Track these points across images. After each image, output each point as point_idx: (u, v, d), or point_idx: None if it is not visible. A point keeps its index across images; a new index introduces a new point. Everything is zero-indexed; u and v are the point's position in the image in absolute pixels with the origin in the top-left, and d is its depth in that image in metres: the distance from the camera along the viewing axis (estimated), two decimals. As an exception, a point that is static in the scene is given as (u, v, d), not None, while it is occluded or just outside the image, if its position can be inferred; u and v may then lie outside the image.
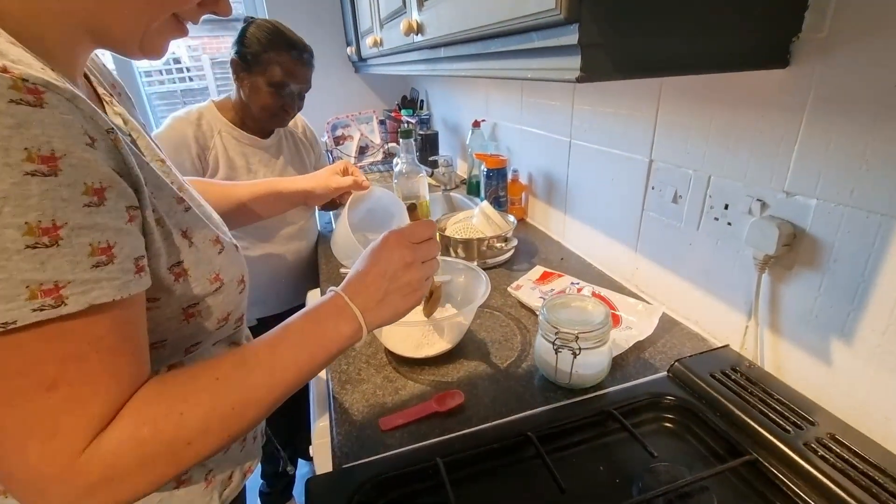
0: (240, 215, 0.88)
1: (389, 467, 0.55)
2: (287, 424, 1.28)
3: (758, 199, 0.64)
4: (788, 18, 0.54)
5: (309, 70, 1.15)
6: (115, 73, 0.57)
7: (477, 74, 0.72)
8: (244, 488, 0.62)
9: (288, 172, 1.25)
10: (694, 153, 0.74)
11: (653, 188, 0.84)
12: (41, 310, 0.30)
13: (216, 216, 0.59)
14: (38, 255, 0.29)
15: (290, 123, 1.31)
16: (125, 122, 0.49)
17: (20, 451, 0.32)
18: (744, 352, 0.71)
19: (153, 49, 0.43)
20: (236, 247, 0.54)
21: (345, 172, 0.95)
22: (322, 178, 0.94)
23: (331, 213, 1.50)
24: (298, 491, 1.55)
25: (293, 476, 1.54)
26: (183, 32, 0.45)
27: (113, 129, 0.36)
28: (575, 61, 0.48)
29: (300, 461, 1.59)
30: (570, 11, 0.45)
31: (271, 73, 1.08)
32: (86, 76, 0.48)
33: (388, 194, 0.99)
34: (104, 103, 0.48)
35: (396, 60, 1.27)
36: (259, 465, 0.66)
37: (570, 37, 0.46)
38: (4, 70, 0.29)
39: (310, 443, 0.74)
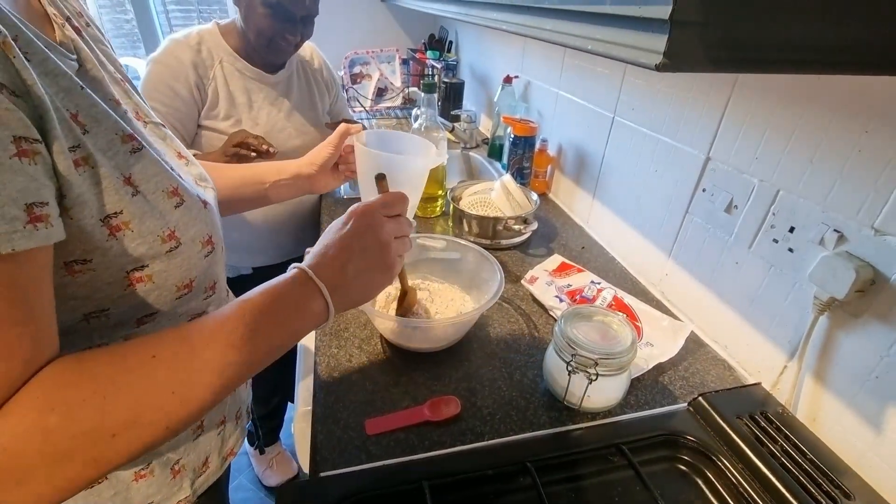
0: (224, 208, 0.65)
1: (369, 484, 0.50)
2: (271, 378, 1.24)
3: (835, 230, 0.54)
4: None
5: None
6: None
7: (518, 31, 0.59)
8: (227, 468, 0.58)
9: (294, 118, 1.11)
10: (765, 160, 0.63)
11: (703, 190, 0.73)
12: None
13: (193, 168, 0.51)
14: None
15: (305, 57, 1.17)
16: (73, 43, 0.39)
17: None
18: (776, 392, 0.63)
19: None
20: (204, 203, 0.46)
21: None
22: (308, 156, 0.72)
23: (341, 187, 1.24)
24: (287, 434, 1.56)
25: (281, 419, 1.53)
26: None
27: (3, 32, 0.28)
28: (658, 41, 0.36)
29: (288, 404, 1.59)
30: (667, -28, 0.33)
31: None
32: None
33: (394, 133, 0.74)
34: (53, 25, 0.38)
35: (429, -4, 1.11)
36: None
37: (660, 8, 0.35)
38: None
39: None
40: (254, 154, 0.95)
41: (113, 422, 0.30)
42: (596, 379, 0.55)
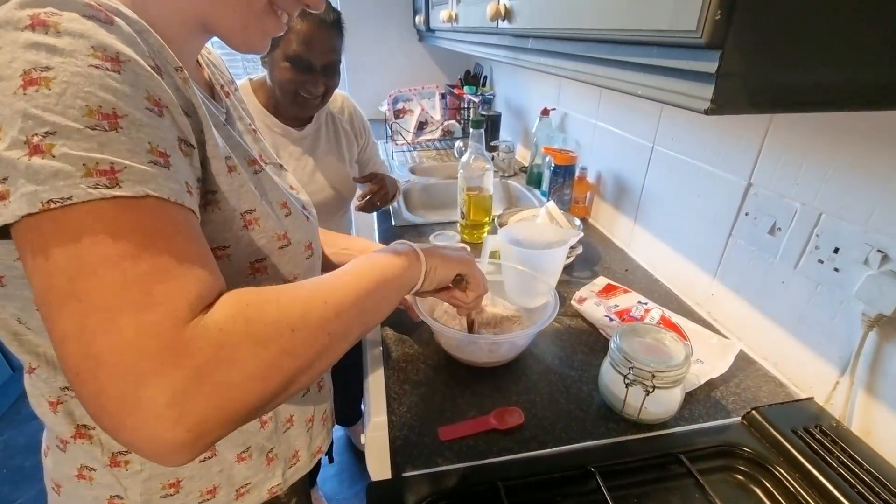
0: None
1: (450, 483, 0.55)
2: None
3: (879, 251, 0.58)
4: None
5: (332, 36, 0.96)
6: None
7: (571, 76, 0.67)
8: (317, 470, 0.65)
9: (319, 173, 1.11)
10: (805, 185, 0.67)
11: (746, 214, 0.78)
12: (95, 188, 0.28)
13: (302, 195, 0.60)
14: (97, 137, 0.29)
15: (335, 108, 1.18)
16: (222, 101, 0.52)
17: (110, 328, 0.27)
18: (829, 407, 0.66)
19: (253, 41, 0.45)
20: (307, 217, 0.56)
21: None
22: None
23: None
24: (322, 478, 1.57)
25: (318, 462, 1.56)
26: (279, 27, 0.47)
27: (181, 68, 0.37)
28: (706, 90, 0.43)
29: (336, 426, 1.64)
30: (713, 36, 0.40)
31: (287, 44, 0.92)
32: (200, 66, 0.51)
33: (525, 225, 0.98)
34: (213, 91, 0.52)
35: (471, 40, 1.21)
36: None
37: (707, 64, 0.41)
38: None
39: (349, 417, 0.75)
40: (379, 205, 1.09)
41: (291, 316, 0.34)
42: (653, 391, 0.59)
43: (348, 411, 1.62)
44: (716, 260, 0.85)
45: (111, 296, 0.28)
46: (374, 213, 1.32)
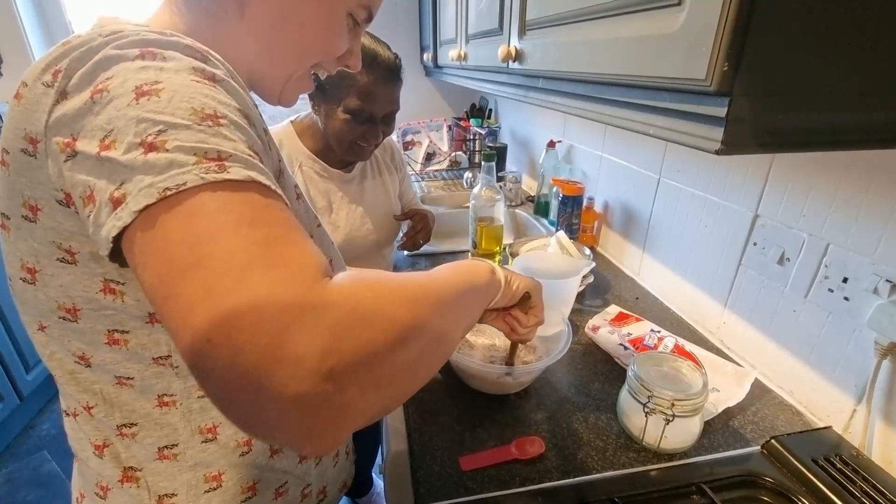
0: None
1: (474, 514, 0.56)
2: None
3: (887, 280, 0.59)
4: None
5: (395, 88, 0.96)
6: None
7: (580, 115, 0.70)
8: None
9: (371, 214, 1.09)
10: (812, 217, 0.69)
11: (754, 244, 0.80)
12: (207, 173, 0.29)
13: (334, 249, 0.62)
14: (203, 131, 0.31)
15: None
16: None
17: (241, 286, 0.25)
18: (848, 436, 0.66)
19: (287, 98, 0.49)
20: (331, 242, 0.58)
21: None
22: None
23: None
24: None
25: None
26: (311, 85, 0.51)
27: (268, 131, 0.40)
28: (716, 132, 0.45)
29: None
30: (721, 84, 0.43)
31: (347, 95, 0.91)
32: None
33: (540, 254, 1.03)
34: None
35: (480, 77, 1.27)
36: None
37: (717, 108, 0.44)
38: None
39: (360, 486, 0.75)
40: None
41: (410, 292, 0.33)
42: (672, 420, 0.60)
43: (359, 478, 1.44)
44: (726, 289, 0.87)
45: (237, 256, 0.26)
46: None
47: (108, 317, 0.40)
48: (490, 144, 1.94)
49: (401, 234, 1.21)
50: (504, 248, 1.19)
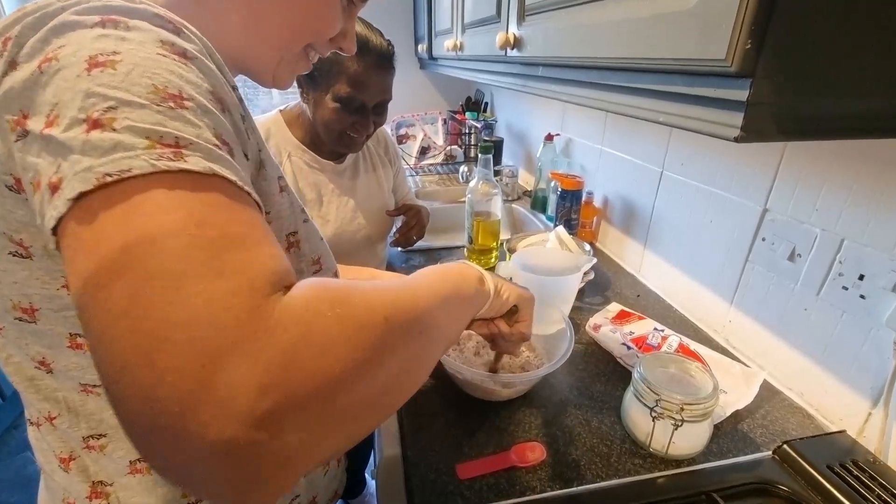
0: None
1: (472, 527, 0.52)
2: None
3: (908, 277, 0.56)
4: None
5: (387, 75, 0.92)
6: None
7: (583, 103, 0.66)
8: None
9: (363, 208, 1.05)
10: (825, 211, 0.66)
11: (763, 240, 0.77)
12: (158, 160, 0.25)
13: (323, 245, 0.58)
14: (163, 112, 0.26)
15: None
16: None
17: (174, 297, 0.22)
18: (862, 440, 0.63)
19: (281, 79, 0.46)
20: (320, 238, 0.55)
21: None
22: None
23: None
24: None
25: None
26: (307, 66, 0.48)
27: (236, 88, 0.36)
28: (735, 118, 0.42)
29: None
30: (743, 65, 0.39)
31: (336, 83, 0.87)
32: None
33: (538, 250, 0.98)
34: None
35: (477, 67, 1.23)
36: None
37: (737, 92, 0.41)
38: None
39: (353, 487, 0.72)
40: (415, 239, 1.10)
41: (381, 306, 0.29)
42: (682, 425, 0.57)
43: (351, 479, 1.43)
44: (732, 286, 0.84)
45: (174, 261, 0.22)
46: None
47: (71, 318, 0.36)
48: (486, 138, 1.89)
49: (394, 230, 1.17)
50: (501, 244, 1.16)
